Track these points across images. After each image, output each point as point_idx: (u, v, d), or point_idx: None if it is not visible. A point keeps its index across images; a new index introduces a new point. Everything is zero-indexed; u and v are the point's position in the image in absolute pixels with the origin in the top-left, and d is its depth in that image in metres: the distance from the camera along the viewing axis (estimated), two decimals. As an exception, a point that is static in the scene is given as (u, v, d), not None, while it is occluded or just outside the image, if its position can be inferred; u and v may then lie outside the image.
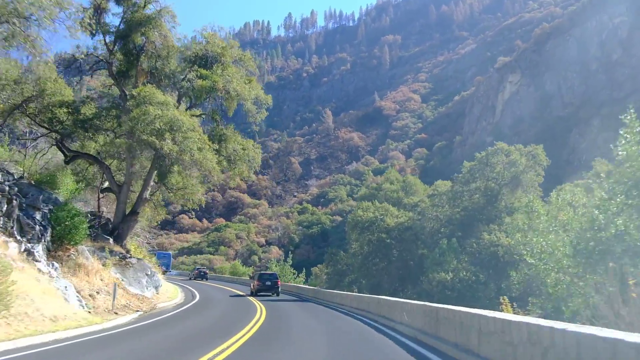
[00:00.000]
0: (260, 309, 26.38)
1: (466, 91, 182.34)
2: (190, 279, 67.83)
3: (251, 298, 36.99)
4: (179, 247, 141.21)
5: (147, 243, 48.15)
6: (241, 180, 41.30)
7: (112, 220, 33.15)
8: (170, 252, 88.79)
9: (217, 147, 31.08)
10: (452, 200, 50.89)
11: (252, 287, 41.99)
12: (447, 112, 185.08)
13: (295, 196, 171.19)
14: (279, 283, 41.67)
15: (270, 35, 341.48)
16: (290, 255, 55.75)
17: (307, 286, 52.83)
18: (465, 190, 49.67)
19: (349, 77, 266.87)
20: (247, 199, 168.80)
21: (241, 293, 43.57)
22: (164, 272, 71.76)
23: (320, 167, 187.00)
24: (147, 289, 27.87)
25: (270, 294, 40.03)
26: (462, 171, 51.62)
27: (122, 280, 25.94)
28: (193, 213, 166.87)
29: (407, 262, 50.82)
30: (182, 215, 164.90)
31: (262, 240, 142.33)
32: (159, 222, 51.47)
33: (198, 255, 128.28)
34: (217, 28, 35.25)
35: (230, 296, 40.36)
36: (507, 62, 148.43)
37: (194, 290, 44.41)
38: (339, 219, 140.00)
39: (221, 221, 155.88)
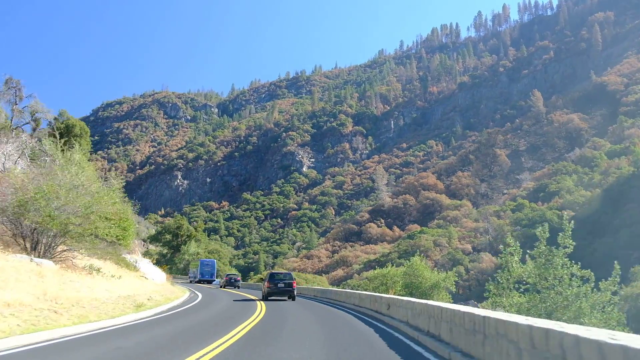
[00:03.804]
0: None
1: None
2: (221, 286, 59.84)
3: (260, 303, 26.74)
4: (364, 260, 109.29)
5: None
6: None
7: None
8: (215, 259, 75.32)
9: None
10: None
11: (263, 290, 32.85)
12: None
13: (504, 193, 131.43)
14: (295, 285, 32.33)
15: (459, 38, 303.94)
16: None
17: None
18: None
19: (553, 65, 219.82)
20: (445, 200, 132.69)
21: (254, 297, 33.75)
22: (208, 282, 65.86)
23: (533, 158, 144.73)
24: None
25: (285, 298, 31.53)
26: None
27: None
28: (382, 221, 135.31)
29: None
30: (370, 224, 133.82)
31: (468, 246, 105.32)
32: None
33: (380, 271, 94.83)
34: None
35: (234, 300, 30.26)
36: None
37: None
38: (571, 213, 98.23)
39: (415, 228, 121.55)
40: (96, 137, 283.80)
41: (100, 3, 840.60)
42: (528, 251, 19.96)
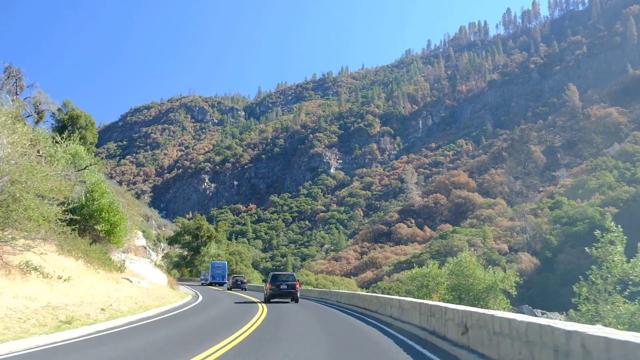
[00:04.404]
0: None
1: None
2: (229, 288, 56.75)
3: (262, 306, 24.59)
4: (394, 261, 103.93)
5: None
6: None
7: None
8: (226, 262, 70.82)
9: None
10: None
11: (265, 292, 31.25)
12: None
13: (540, 191, 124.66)
14: (298, 286, 30.62)
15: (488, 36, 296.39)
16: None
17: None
18: None
19: (586, 61, 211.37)
20: (478, 198, 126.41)
21: (255, 300, 32.08)
22: (219, 284, 62.53)
23: (569, 154, 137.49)
24: None
25: (288, 300, 30.11)
26: None
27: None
28: (412, 220, 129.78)
29: None
30: (400, 224, 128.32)
31: (504, 246, 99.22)
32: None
33: (419, 270, 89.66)
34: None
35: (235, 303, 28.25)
36: None
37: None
38: (614, 210, 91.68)
39: (447, 227, 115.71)
40: (124, 142, 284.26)
41: (127, 10, 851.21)
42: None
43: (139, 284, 24.96)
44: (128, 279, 24.56)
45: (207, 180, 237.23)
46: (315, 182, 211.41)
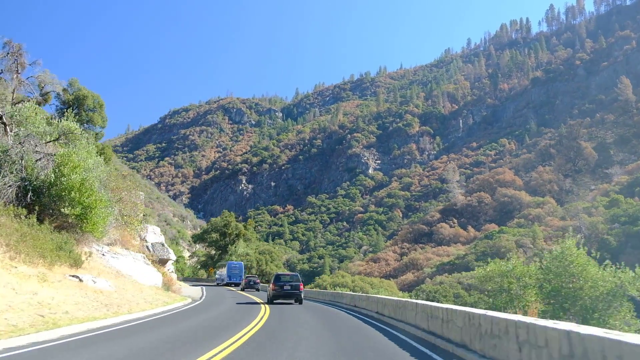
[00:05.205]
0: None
1: None
2: (242, 289, 53.79)
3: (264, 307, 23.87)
4: (437, 263, 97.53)
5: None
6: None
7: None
8: (242, 262, 66.70)
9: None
10: None
11: (268, 293, 30.72)
12: None
13: (592, 189, 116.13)
14: (302, 287, 30.16)
15: (530, 33, 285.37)
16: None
17: None
18: None
19: (636, 56, 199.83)
20: (525, 197, 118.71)
21: (259, 301, 31.31)
22: (236, 284, 59.48)
23: (623, 150, 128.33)
24: None
25: (291, 301, 29.94)
26: None
27: None
28: (455, 220, 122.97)
29: None
30: (441, 224, 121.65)
31: (557, 247, 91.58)
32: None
33: (463, 273, 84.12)
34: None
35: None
36: None
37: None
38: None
39: (492, 227, 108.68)
40: (163, 144, 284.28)
41: (167, 13, 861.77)
42: None
43: (94, 285, 18.75)
44: (77, 277, 18.67)
45: (244, 182, 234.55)
46: (353, 182, 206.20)
